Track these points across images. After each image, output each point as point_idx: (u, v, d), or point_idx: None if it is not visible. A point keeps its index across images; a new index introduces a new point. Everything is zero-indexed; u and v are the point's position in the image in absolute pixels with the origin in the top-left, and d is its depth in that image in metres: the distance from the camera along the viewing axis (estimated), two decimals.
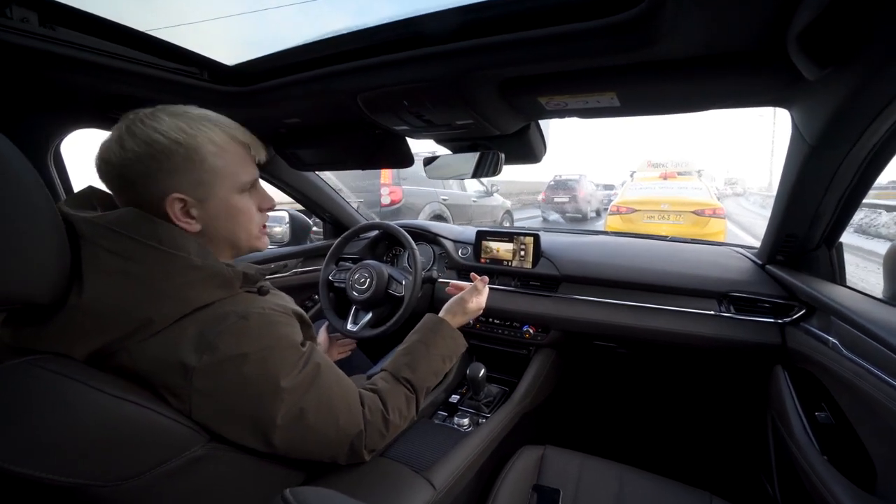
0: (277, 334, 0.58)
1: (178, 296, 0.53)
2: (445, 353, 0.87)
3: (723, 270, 1.17)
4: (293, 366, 0.58)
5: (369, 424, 0.68)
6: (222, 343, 0.53)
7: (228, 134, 0.61)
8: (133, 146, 0.54)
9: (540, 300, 1.34)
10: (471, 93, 0.75)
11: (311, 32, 0.82)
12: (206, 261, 0.56)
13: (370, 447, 0.70)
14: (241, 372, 0.54)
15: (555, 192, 10.78)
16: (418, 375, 0.80)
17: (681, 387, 1.54)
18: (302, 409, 0.58)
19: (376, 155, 1.18)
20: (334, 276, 1.45)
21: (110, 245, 0.51)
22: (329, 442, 0.64)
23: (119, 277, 0.51)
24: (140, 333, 0.52)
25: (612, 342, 1.31)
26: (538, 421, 1.33)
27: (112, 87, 0.79)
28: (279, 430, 0.57)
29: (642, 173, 6.50)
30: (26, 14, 0.61)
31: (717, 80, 0.64)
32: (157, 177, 0.55)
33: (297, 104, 0.92)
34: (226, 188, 0.60)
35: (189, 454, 0.54)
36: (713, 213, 5.19)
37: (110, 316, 0.51)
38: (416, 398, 0.79)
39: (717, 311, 1.12)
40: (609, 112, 0.80)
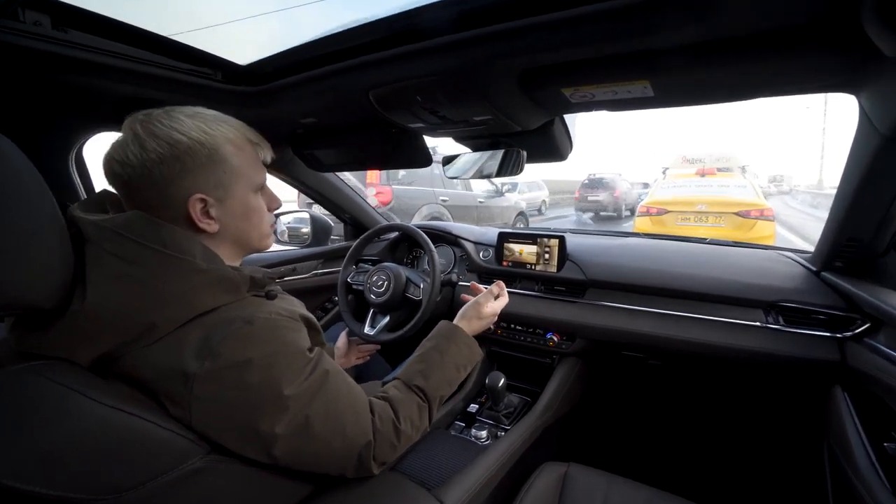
0: (283, 340, 0.56)
1: (182, 300, 0.52)
2: (460, 362, 0.83)
3: (770, 277, 1.06)
4: (298, 373, 0.56)
5: (379, 434, 0.65)
6: (225, 349, 0.51)
7: (242, 133, 0.61)
8: (156, 146, 0.53)
9: (565, 306, 1.27)
10: (487, 85, 0.70)
11: (322, 27, 0.80)
12: (212, 264, 0.55)
13: (380, 459, 0.66)
14: (243, 379, 0.52)
15: (589, 191, 10.83)
16: (431, 384, 0.76)
17: (721, 405, 1.42)
18: (307, 418, 0.56)
19: (393, 154, 1.15)
20: (353, 279, 1.43)
21: (114, 248, 0.51)
22: (335, 453, 0.61)
23: (123, 281, 0.50)
24: (144, 339, 0.51)
25: (643, 353, 1.21)
26: (561, 435, 1.25)
27: (128, 90, 0.79)
28: (282, 441, 0.55)
29: (676, 170, 5.97)
30: (39, 17, 0.61)
31: (770, 63, 0.56)
32: (181, 176, 0.55)
33: (310, 103, 0.90)
34: (243, 188, 0.61)
35: (187, 466, 0.52)
36: (760, 214, 4.62)
37: (113, 320, 0.49)
38: (430, 408, 0.75)
39: (764, 323, 1.01)
40: (642, 103, 0.73)
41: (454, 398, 1.25)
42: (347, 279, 1.43)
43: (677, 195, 5.24)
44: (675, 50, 0.56)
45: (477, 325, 0.92)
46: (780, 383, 1.15)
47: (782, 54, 0.54)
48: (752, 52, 0.53)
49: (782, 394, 1.23)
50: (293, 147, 1.23)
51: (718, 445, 1.42)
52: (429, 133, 1.02)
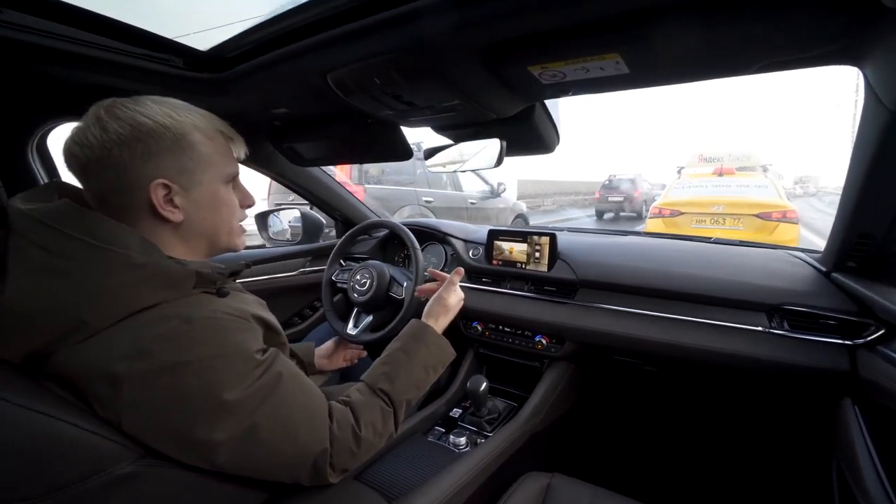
0: (225, 341, 0.52)
1: (113, 296, 0.48)
2: (429, 363, 0.78)
3: (775, 278, 0.97)
4: (244, 376, 0.52)
5: (337, 441, 0.60)
6: (158, 349, 0.48)
7: (212, 124, 0.60)
8: (117, 128, 0.51)
9: (555, 307, 1.19)
10: (446, 64, 0.64)
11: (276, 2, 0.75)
12: (150, 258, 0.51)
13: (339, 467, 0.61)
14: (178, 383, 0.48)
15: (609, 192, 11.03)
16: (397, 387, 0.71)
17: (719, 417, 1.32)
18: (254, 424, 0.52)
19: (372, 147, 1.10)
20: (337, 277, 1.39)
21: (38, 239, 0.47)
22: (287, 461, 0.56)
23: (46, 275, 0.47)
24: (73, 336, 0.47)
25: (637, 358, 1.13)
26: (548, 444, 1.18)
27: (82, 77, 0.77)
28: (224, 447, 0.51)
29: (692, 169, 5.64)
30: None
31: (754, 29, 0.49)
32: (142, 160, 0.52)
33: (275, 90, 0.86)
34: (211, 177, 0.58)
35: (116, 471, 0.48)
36: (782, 216, 4.29)
37: (37, 316, 0.46)
38: (395, 412, 0.70)
39: (767, 328, 0.92)
40: (618, 82, 0.66)
41: (436, 402, 1.19)
42: (332, 277, 1.39)
43: (693, 196, 4.96)
44: (645, 15, 0.50)
45: (445, 321, 0.88)
46: (784, 394, 1.06)
47: (767, 17, 0.47)
48: (731, 16, 0.47)
49: (786, 405, 1.13)
50: (272, 141, 1.20)
51: (715, 460, 1.32)
52: (401, 122, 0.97)
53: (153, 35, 0.77)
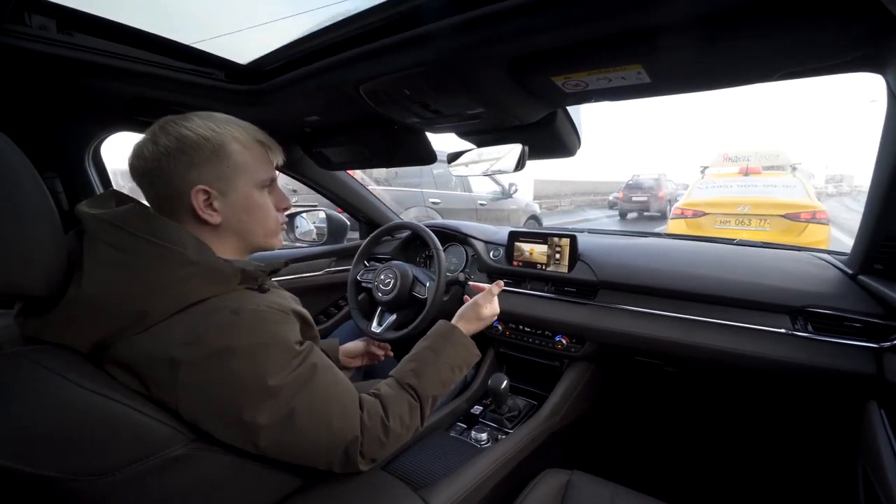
0: (269, 332, 0.57)
1: (172, 290, 0.54)
2: (455, 363, 0.81)
3: (798, 280, 0.97)
4: (284, 364, 0.57)
5: (367, 431, 0.64)
6: (211, 336, 0.53)
7: (251, 134, 0.65)
8: (165, 142, 0.58)
9: (575, 308, 1.21)
10: (474, 75, 0.68)
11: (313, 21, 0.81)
12: (203, 256, 0.56)
13: (369, 455, 0.65)
14: (227, 367, 0.53)
15: (633, 192, 10.93)
16: (423, 383, 0.75)
17: (741, 418, 1.31)
18: (292, 410, 0.56)
19: (397, 152, 1.15)
20: (362, 276, 1.44)
21: (109, 238, 0.53)
22: (321, 447, 0.60)
23: (116, 270, 0.52)
24: (135, 326, 0.52)
25: (657, 359, 1.14)
26: (568, 442, 1.20)
27: (135, 91, 0.83)
28: (266, 431, 0.55)
29: (716, 169, 5.45)
30: (45, 22, 0.65)
31: (775, 39, 0.51)
32: (186, 169, 0.58)
33: (308, 100, 0.91)
34: (246, 183, 0.63)
35: (169, 453, 0.53)
36: (812, 217, 4.12)
37: (106, 308, 0.51)
38: (421, 407, 0.74)
39: (790, 330, 0.92)
40: (640, 91, 0.68)
41: (458, 398, 1.23)
42: (357, 277, 1.44)
43: (717, 196, 4.81)
44: (666, 29, 0.52)
45: (475, 326, 0.91)
46: (808, 396, 1.05)
47: (789, 28, 0.48)
48: (752, 26, 0.48)
49: (810, 408, 1.12)
50: (302, 146, 1.25)
51: (736, 461, 1.31)
52: (427, 128, 1.01)
53: (198, 51, 0.83)
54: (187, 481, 0.56)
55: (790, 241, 3.84)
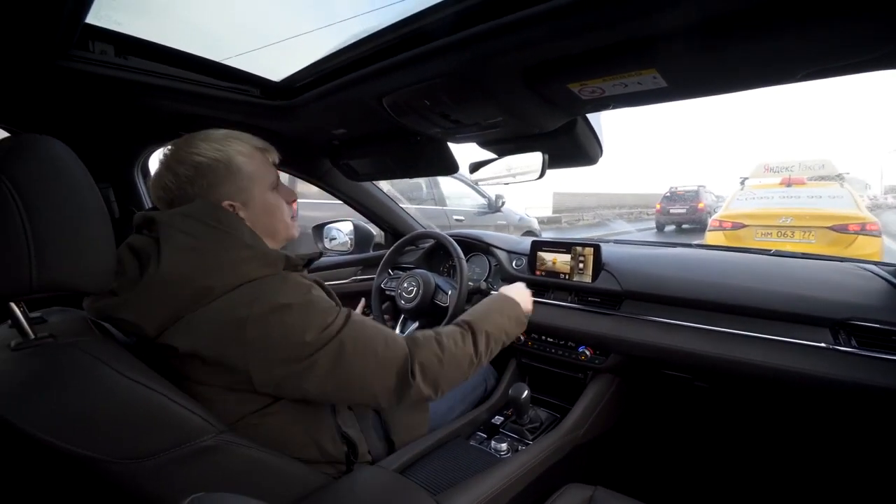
0: (312, 294, 0.65)
1: (234, 269, 0.61)
2: (508, 313, 0.90)
3: (841, 291, 0.91)
4: (328, 315, 0.64)
5: (422, 348, 0.71)
6: (268, 296, 0.60)
7: (250, 143, 0.72)
8: (183, 171, 0.66)
9: (599, 318, 1.19)
10: (491, 85, 0.70)
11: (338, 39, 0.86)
12: (255, 241, 0.65)
13: (429, 374, 0.70)
14: (286, 319, 0.60)
15: (671, 204, 10.71)
16: (475, 318, 0.83)
17: (777, 436, 1.22)
18: (342, 343, 0.63)
19: (420, 162, 1.18)
20: (386, 285, 1.47)
21: (182, 226, 0.61)
22: (372, 372, 0.66)
23: (188, 252, 0.60)
24: (202, 300, 0.59)
25: (687, 373, 1.09)
26: (591, 456, 1.16)
27: (180, 108, 0.90)
28: (322, 368, 0.62)
29: (757, 180, 5.21)
30: (105, 48, 0.73)
31: (795, 37, 0.50)
32: (209, 190, 0.66)
33: (337, 113, 0.96)
34: (260, 189, 0.71)
35: (200, 442, 0.57)
36: (861, 228, 3.89)
37: (180, 284, 0.58)
38: (473, 335, 0.80)
39: (832, 344, 0.87)
40: (657, 96, 0.68)
41: (478, 408, 1.22)
42: (381, 285, 1.48)
43: (757, 207, 4.59)
44: (680, 31, 0.52)
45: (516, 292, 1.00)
46: (850, 415, 0.97)
47: (811, 27, 0.48)
48: (769, 26, 0.48)
49: (853, 428, 1.04)
50: (331, 158, 1.31)
51: (770, 483, 1.22)
52: (448, 138, 1.04)
53: (236, 70, 0.90)
54: (212, 472, 0.59)
55: (839, 252, 3.67)
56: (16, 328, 0.53)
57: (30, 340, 0.53)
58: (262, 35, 0.84)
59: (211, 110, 0.93)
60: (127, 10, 0.67)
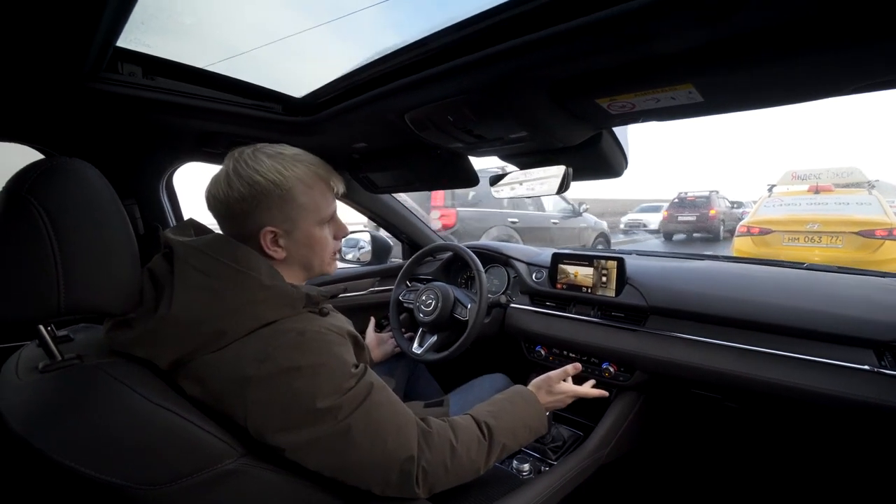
0: (332, 352, 0.60)
1: (248, 312, 0.58)
2: (528, 422, 0.82)
3: (885, 310, 0.86)
4: (343, 383, 0.59)
5: (432, 450, 0.64)
6: (279, 356, 0.56)
7: (314, 171, 0.68)
8: (238, 186, 0.63)
9: (623, 334, 1.15)
10: (516, 101, 0.68)
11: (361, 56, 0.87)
12: (274, 281, 0.61)
13: (431, 479, 0.64)
14: (293, 384, 0.56)
15: (679, 211, 10.14)
16: (498, 425, 0.75)
17: (816, 462, 1.16)
18: (349, 426, 0.58)
19: (440, 175, 1.17)
20: (404, 297, 1.46)
21: (197, 263, 0.58)
22: (375, 464, 0.61)
23: (202, 293, 0.57)
24: (214, 344, 0.57)
25: (716, 392, 1.05)
26: (616, 478, 1.12)
27: (205, 126, 0.91)
28: (323, 445, 0.57)
29: (785, 187, 5.19)
30: (133, 69, 0.74)
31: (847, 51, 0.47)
32: (256, 212, 0.64)
33: (357, 128, 0.96)
34: (309, 222, 0.68)
35: (221, 467, 0.56)
36: (888, 233, 3.90)
37: (192, 325, 0.56)
38: (490, 447, 0.73)
39: (876, 367, 0.82)
40: (692, 110, 0.65)
41: None
42: (399, 297, 1.47)
43: (785, 213, 4.60)
44: (721, 45, 0.50)
45: (547, 399, 0.90)
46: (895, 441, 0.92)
47: (866, 41, 0.45)
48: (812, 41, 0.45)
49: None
50: (350, 171, 1.31)
51: None
52: (469, 152, 1.02)
53: (259, 87, 0.91)
54: (235, 497, 0.57)
55: (864, 257, 3.81)
56: (43, 348, 0.53)
57: (57, 362, 0.53)
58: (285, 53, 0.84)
59: (234, 127, 0.94)
60: (156, 33, 0.68)
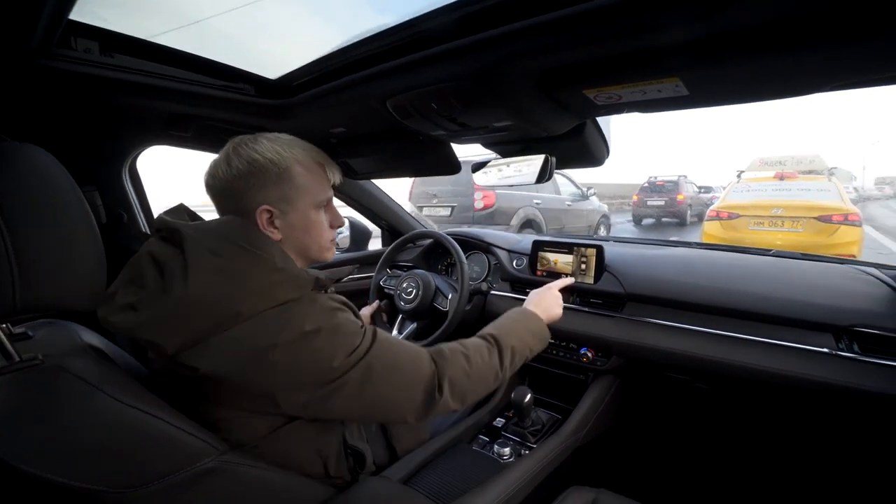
0: (343, 317, 0.64)
1: (263, 293, 0.59)
2: (530, 327, 0.87)
3: (844, 297, 0.91)
4: (355, 338, 0.63)
5: (449, 363, 0.70)
6: (297, 322, 0.58)
7: (312, 157, 0.70)
8: (237, 164, 0.65)
9: (601, 320, 1.18)
10: (503, 90, 0.67)
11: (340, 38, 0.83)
12: (287, 264, 0.62)
13: (457, 389, 0.69)
14: (314, 345, 0.59)
15: (648, 195, 10.26)
16: (501, 332, 0.81)
17: (777, 440, 1.25)
18: (369, 366, 0.62)
19: (422, 162, 1.15)
20: (385, 283, 1.45)
21: (212, 245, 0.58)
22: (400, 392, 0.66)
23: (217, 274, 0.57)
24: (228, 324, 0.56)
25: (688, 375, 1.10)
26: (593, 458, 1.17)
27: (170, 107, 0.86)
28: (351, 389, 0.61)
29: (753, 173, 5.48)
30: (89, 45, 0.68)
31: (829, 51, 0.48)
32: (253, 190, 0.65)
33: (335, 113, 0.92)
34: (306, 203, 0.69)
35: (199, 466, 0.54)
36: (844, 219, 4.24)
37: (208, 306, 0.56)
38: (499, 349, 0.78)
39: (834, 350, 0.88)
40: (677, 103, 0.66)
41: (480, 411, 1.21)
42: (380, 283, 1.45)
43: (752, 199, 4.91)
44: (708, 41, 0.50)
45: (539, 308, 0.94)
46: (852, 421, 0.99)
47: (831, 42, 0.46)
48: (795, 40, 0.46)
49: (854, 433, 1.06)
50: None
51: (772, 486, 1.25)
52: (452, 140, 1.00)
53: (229, 67, 0.85)
54: (215, 494, 0.57)
55: (823, 241, 4.15)
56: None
57: (14, 363, 0.49)
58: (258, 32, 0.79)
59: (203, 109, 0.88)
60: (114, 6, 0.62)
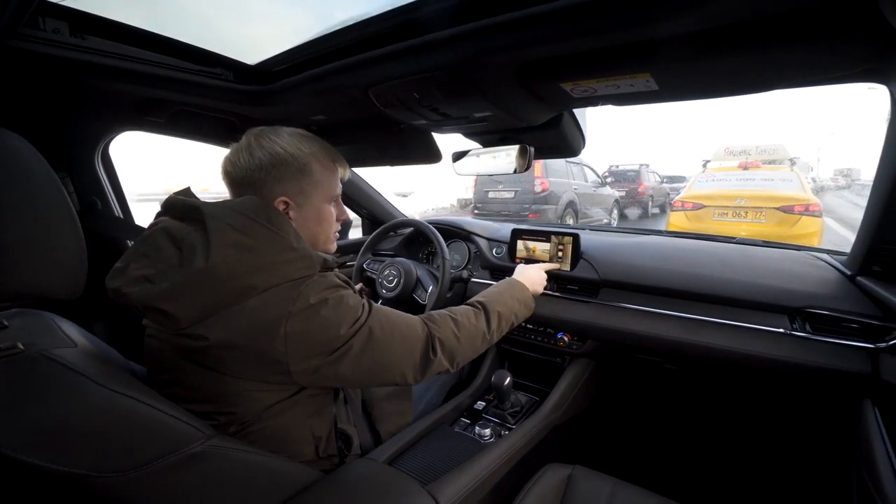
0: (345, 290, 0.68)
1: (277, 270, 0.62)
2: (515, 295, 0.96)
3: (798, 280, 0.99)
4: (357, 308, 0.68)
5: (440, 328, 0.77)
6: (308, 294, 0.62)
7: (328, 154, 0.75)
8: (260, 155, 0.68)
9: (577, 306, 1.23)
10: (483, 81, 0.68)
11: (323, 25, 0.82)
12: (300, 244, 0.65)
13: (448, 349, 0.76)
14: (322, 313, 0.63)
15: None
16: (488, 299, 0.90)
17: (740, 415, 1.34)
18: (370, 330, 0.67)
19: (403, 151, 1.16)
20: (368, 266, 1.46)
21: (234, 222, 0.61)
22: (399, 352, 0.71)
23: (238, 249, 0.60)
24: (242, 297, 0.60)
25: (658, 357, 1.16)
26: (569, 437, 1.23)
27: (145, 92, 0.83)
28: (356, 352, 0.66)
29: (718, 162, 5.58)
30: (58, 25, 0.65)
31: (780, 52, 0.52)
32: (273, 181, 0.69)
33: (316, 101, 0.91)
34: (320, 198, 0.74)
35: (188, 450, 0.55)
36: (805, 209, 4.35)
37: (226, 279, 0.58)
38: (486, 314, 0.87)
39: (788, 330, 0.95)
40: (648, 97, 0.69)
41: (461, 394, 1.25)
42: (363, 265, 1.46)
43: (716, 189, 4.99)
44: (677, 40, 0.53)
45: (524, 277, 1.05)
46: (805, 395, 1.08)
47: (793, 43, 0.49)
48: (760, 41, 0.49)
49: (807, 407, 1.15)
50: None
51: (734, 457, 1.34)
52: (433, 129, 1.01)
53: (207, 51, 0.84)
54: (203, 478, 0.58)
55: (785, 231, 4.20)
56: None
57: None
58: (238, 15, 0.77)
59: (179, 94, 0.86)
60: None
